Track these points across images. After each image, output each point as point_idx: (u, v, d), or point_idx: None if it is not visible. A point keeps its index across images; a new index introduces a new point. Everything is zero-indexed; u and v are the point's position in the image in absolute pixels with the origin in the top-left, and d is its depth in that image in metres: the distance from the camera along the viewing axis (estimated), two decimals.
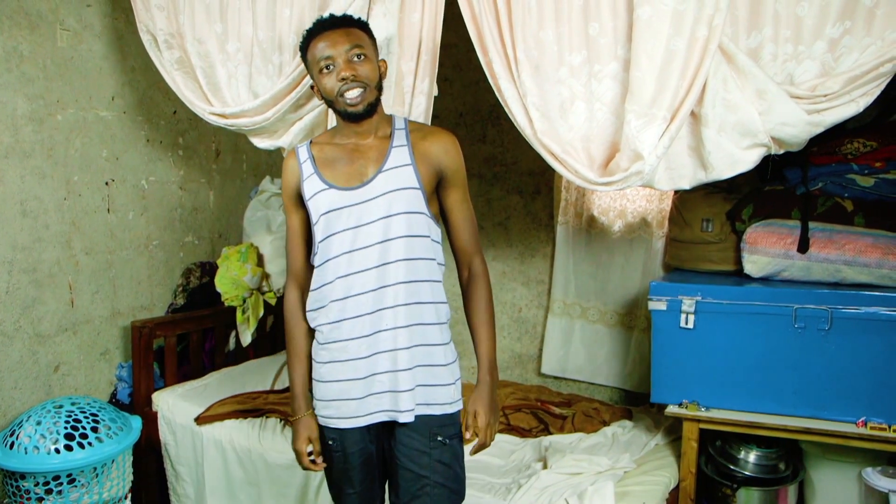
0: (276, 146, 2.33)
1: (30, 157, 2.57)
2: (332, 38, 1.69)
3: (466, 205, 1.81)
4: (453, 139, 1.79)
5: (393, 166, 1.71)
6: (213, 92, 2.33)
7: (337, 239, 1.71)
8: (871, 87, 1.68)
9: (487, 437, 1.74)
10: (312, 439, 1.79)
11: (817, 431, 2.06)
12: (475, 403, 1.73)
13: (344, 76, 1.67)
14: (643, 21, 1.72)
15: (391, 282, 1.69)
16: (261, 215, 3.35)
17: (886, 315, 2.00)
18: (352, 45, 1.69)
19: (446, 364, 1.74)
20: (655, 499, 2.19)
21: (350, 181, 1.72)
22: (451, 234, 1.82)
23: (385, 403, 1.71)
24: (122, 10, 2.83)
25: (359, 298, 1.70)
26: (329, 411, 1.76)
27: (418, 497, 1.72)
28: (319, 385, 1.79)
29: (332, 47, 1.68)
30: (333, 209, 1.71)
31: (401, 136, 1.75)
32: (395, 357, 1.70)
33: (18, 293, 2.56)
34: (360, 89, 1.68)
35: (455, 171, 1.77)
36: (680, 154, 1.88)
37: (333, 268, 1.72)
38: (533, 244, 3.37)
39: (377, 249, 1.69)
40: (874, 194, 2.22)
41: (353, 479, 1.79)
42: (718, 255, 2.48)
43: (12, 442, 2.26)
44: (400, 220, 1.69)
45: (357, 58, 1.69)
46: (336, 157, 1.76)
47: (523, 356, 3.44)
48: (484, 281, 1.80)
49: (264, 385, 3.06)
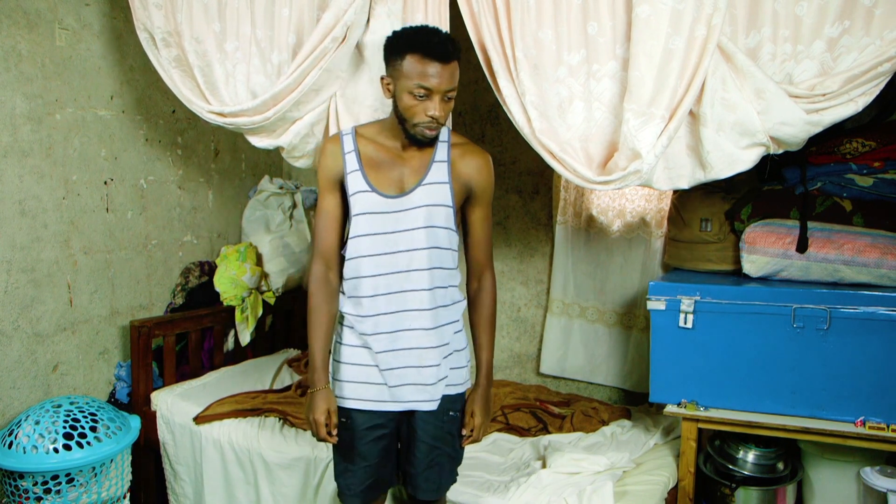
0: (275, 145, 2.32)
1: (28, 156, 2.57)
2: (440, 72, 1.70)
3: (488, 222, 1.93)
4: (487, 160, 1.89)
5: (432, 181, 1.81)
6: (211, 91, 2.33)
7: (368, 240, 1.82)
8: (869, 87, 1.68)
9: (480, 434, 1.92)
10: (331, 411, 1.86)
11: (816, 431, 2.06)
12: (473, 404, 1.92)
13: (435, 116, 1.72)
14: (642, 20, 1.73)
15: (416, 287, 1.82)
16: (259, 215, 3.36)
17: (885, 315, 2.00)
18: (452, 87, 1.73)
19: (462, 349, 1.93)
20: (654, 498, 2.19)
21: (391, 188, 1.82)
22: (468, 246, 1.93)
23: (409, 395, 1.86)
24: (121, 9, 2.83)
25: (383, 298, 1.82)
26: (345, 392, 1.88)
27: (432, 467, 1.90)
28: (340, 366, 1.90)
29: (437, 81, 1.69)
30: (372, 212, 1.80)
31: (443, 150, 1.84)
32: (422, 355, 1.83)
33: (17, 292, 2.55)
34: (438, 129, 1.76)
35: (483, 190, 1.89)
36: (678, 153, 1.88)
37: (362, 266, 1.83)
38: (532, 244, 3.37)
39: (405, 256, 1.81)
40: (873, 194, 2.22)
41: (364, 454, 1.90)
42: (717, 255, 2.48)
43: (11, 441, 2.26)
44: (430, 232, 1.81)
45: (448, 99, 1.74)
46: (381, 160, 1.83)
47: (522, 356, 3.44)
48: (492, 294, 1.94)
49: (263, 384, 3.06)
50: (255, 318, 3.22)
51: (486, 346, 1.93)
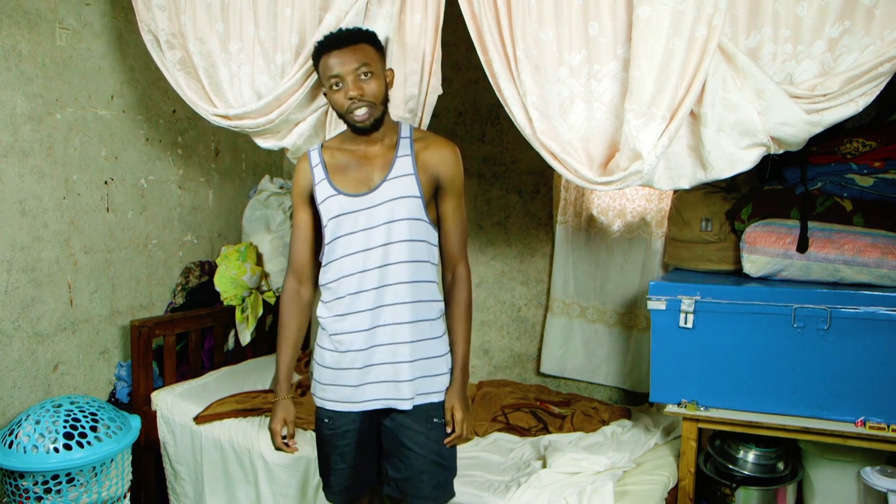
0: (279, 146, 2.33)
1: (29, 155, 2.57)
2: (341, 56, 1.77)
3: (459, 213, 1.92)
4: (453, 149, 1.89)
5: (397, 175, 1.82)
6: (216, 92, 2.33)
7: (343, 241, 1.84)
8: (870, 87, 1.68)
9: (464, 429, 1.88)
10: (288, 422, 1.93)
11: (816, 431, 2.06)
12: (452, 399, 1.89)
13: (352, 96, 1.77)
14: (643, 21, 1.72)
15: (392, 281, 1.82)
16: (260, 214, 3.36)
17: (885, 315, 2.00)
18: (360, 63, 1.77)
19: (442, 355, 1.90)
20: (654, 498, 2.20)
21: (358, 188, 1.84)
22: (442, 239, 1.93)
23: (383, 392, 1.85)
24: (122, 8, 2.83)
25: (360, 296, 1.83)
26: (325, 394, 1.91)
27: (417, 475, 1.87)
28: (320, 369, 1.92)
29: (340, 66, 1.77)
30: (341, 214, 1.84)
31: (405, 145, 1.86)
32: (395, 350, 1.83)
33: (17, 292, 2.55)
34: (367, 108, 1.79)
35: (451, 180, 1.87)
36: (679, 154, 1.88)
37: (339, 267, 1.85)
38: (532, 243, 3.37)
39: (380, 252, 1.82)
40: (873, 194, 2.22)
41: (345, 455, 1.92)
42: (717, 255, 2.48)
43: (11, 441, 2.26)
44: (402, 225, 1.81)
45: (364, 76, 1.77)
46: (346, 164, 1.88)
47: (522, 355, 3.45)
48: (466, 285, 1.93)
49: (263, 384, 3.06)
50: (256, 317, 3.22)
51: (461, 340, 1.90)
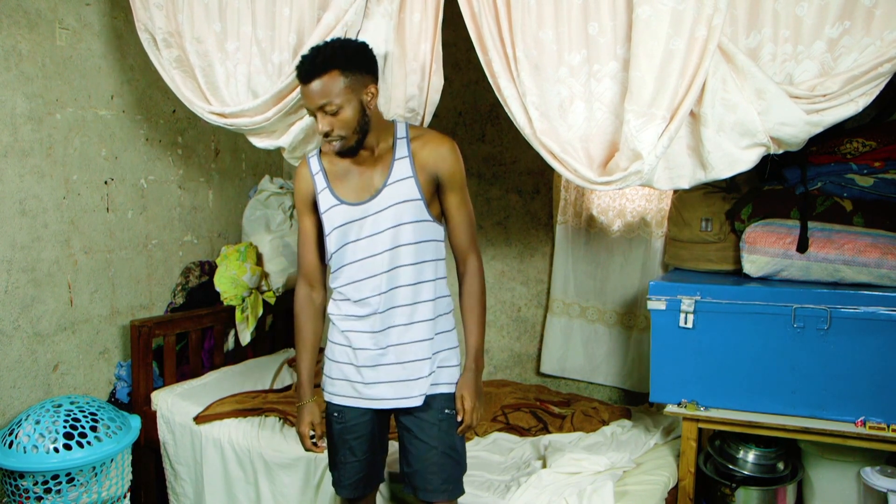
0: (275, 146, 2.33)
1: (29, 155, 2.57)
2: (306, 91, 1.77)
3: (464, 207, 1.91)
4: (451, 145, 1.87)
5: (396, 179, 1.83)
6: (212, 91, 2.33)
7: (350, 248, 1.86)
8: (870, 87, 1.68)
9: (473, 419, 1.88)
10: (315, 424, 1.96)
11: (816, 431, 2.06)
12: (462, 388, 1.89)
13: (321, 131, 1.78)
14: (642, 21, 1.73)
15: (401, 283, 1.85)
16: (260, 214, 3.36)
17: (885, 315, 2.00)
18: (323, 101, 1.74)
19: (453, 348, 1.94)
20: (654, 498, 2.20)
21: (360, 195, 1.86)
22: (450, 234, 1.93)
23: (394, 392, 1.88)
24: (122, 8, 2.83)
25: (370, 300, 1.86)
26: (335, 388, 1.95)
27: (428, 467, 1.89)
28: (330, 364, 1.96)
29: (307, 100, 1.78)
30: (345, 223, 1.85)
31: (402, 146, 1.85)
32: (406, 350, 1.86)
33: (17, 292, 2.55)
34: (338, 142, 1.79)
35: (451, 175, 1.86)
36: (679, 154, 1.88)
37: (348, 273, 1.88)
38: (532, 243, 3.37)
39: (387, 256, 1.84)
40: (873, 194, 2.22)
41: (354, 449, 1.96)
42: (717, 255, 2.48)
43: (11, 441, 2.26)
44: (406, 228, 1.83)
45: (335, 112, 1.75)
46: (346, 171, 1.89)
47: (522, 355, 3.45)
48: (477, 277, 1.93)
49: (263, 384, 3.06)
50: (256, 317, 3.22)
51: (474, 331, 1.91)
